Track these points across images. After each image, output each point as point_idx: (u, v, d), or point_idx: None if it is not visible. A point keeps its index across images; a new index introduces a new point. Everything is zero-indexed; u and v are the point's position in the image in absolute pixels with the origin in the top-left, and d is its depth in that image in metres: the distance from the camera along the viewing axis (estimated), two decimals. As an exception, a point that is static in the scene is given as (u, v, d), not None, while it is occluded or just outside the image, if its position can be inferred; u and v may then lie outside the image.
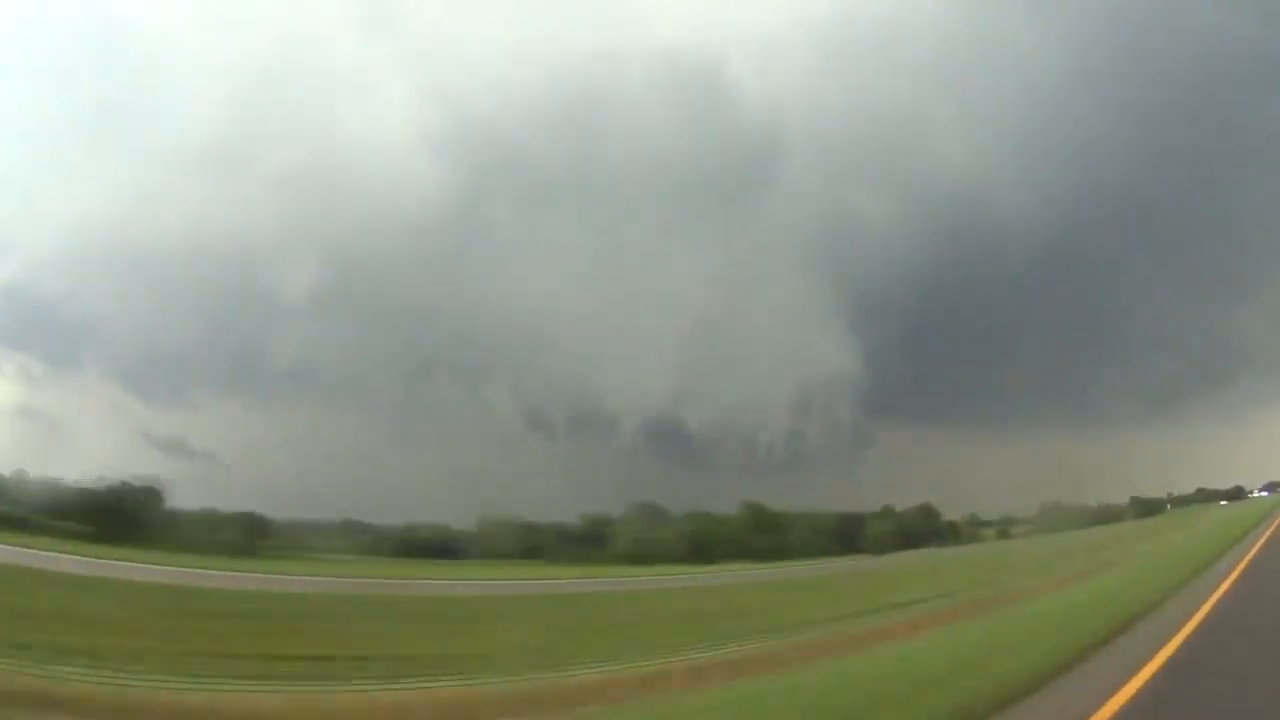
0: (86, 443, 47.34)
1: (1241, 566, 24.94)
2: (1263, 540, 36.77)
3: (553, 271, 58.09)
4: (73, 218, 51.40)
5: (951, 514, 59.08)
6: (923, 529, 55.84)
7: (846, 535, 52.70)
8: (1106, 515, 65.22)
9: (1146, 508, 74.66)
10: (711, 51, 60.51)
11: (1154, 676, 9.78)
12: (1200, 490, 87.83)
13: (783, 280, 61.85)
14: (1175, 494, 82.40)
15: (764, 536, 49.60)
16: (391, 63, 59.59)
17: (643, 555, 45.44)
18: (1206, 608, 15.93)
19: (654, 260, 59.64)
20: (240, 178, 54.87)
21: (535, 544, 45.81)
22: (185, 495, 42.06)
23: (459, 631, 23.86)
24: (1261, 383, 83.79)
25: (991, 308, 69.43)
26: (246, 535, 40.77)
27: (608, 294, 59.08)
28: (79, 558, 30.77)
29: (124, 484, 40.24)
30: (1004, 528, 61.34)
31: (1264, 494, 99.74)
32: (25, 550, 31.00)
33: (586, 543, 46.63)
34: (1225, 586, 19.70)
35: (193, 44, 56.36)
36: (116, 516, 37.84)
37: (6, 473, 39.20)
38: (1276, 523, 49.47)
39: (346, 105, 57.82)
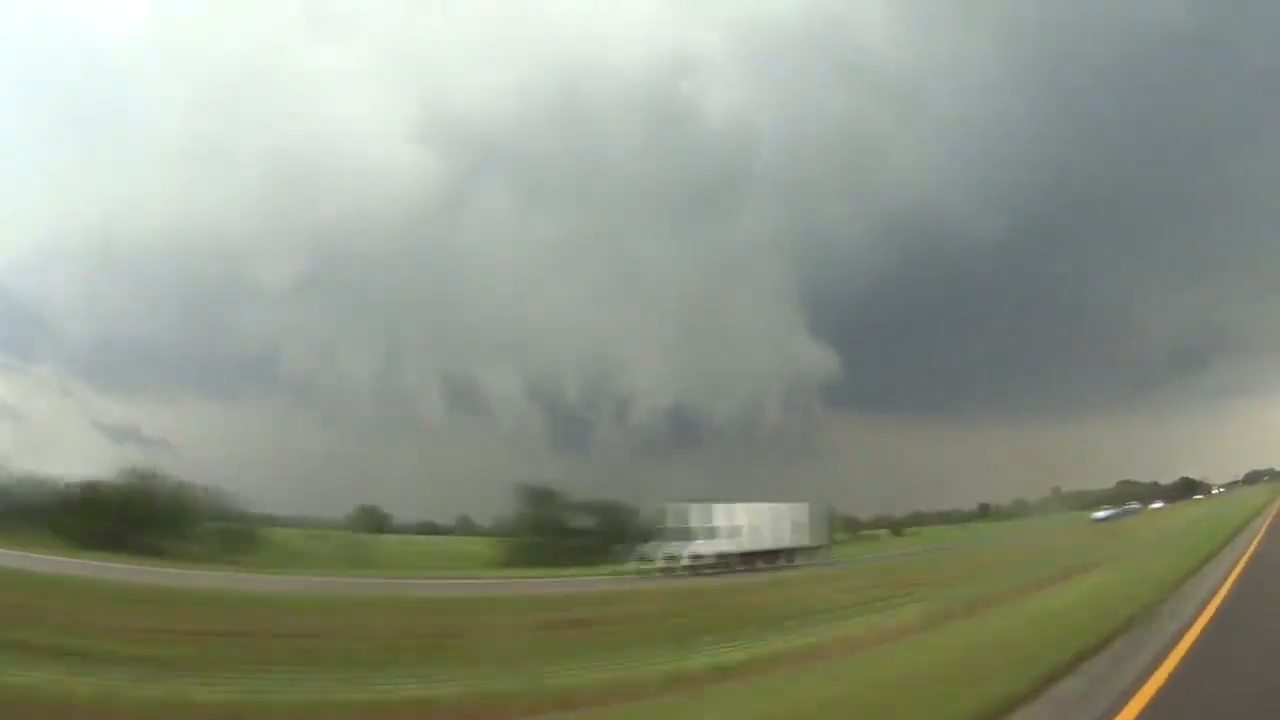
0: (52, 435, 46.92)
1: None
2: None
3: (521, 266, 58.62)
4: (50, 216, 51.21)
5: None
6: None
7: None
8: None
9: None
10: (676, 66, 61.95)
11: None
12: (1124, 483, 73.97)
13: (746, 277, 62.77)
14: (1087, 490, 69.33)
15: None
16: (379, 66, 59.81)
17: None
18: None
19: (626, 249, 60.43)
20: (216, 175, 54.84)
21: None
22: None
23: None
24: (1235, 368, 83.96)
25: (938, 306, 70.90)
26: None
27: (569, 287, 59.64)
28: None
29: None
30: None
31: (1218, 491, 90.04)
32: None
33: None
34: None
35: (167, 48, 56.10)
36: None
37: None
38: None
39: (330, 104, 58.04)
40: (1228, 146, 76.19)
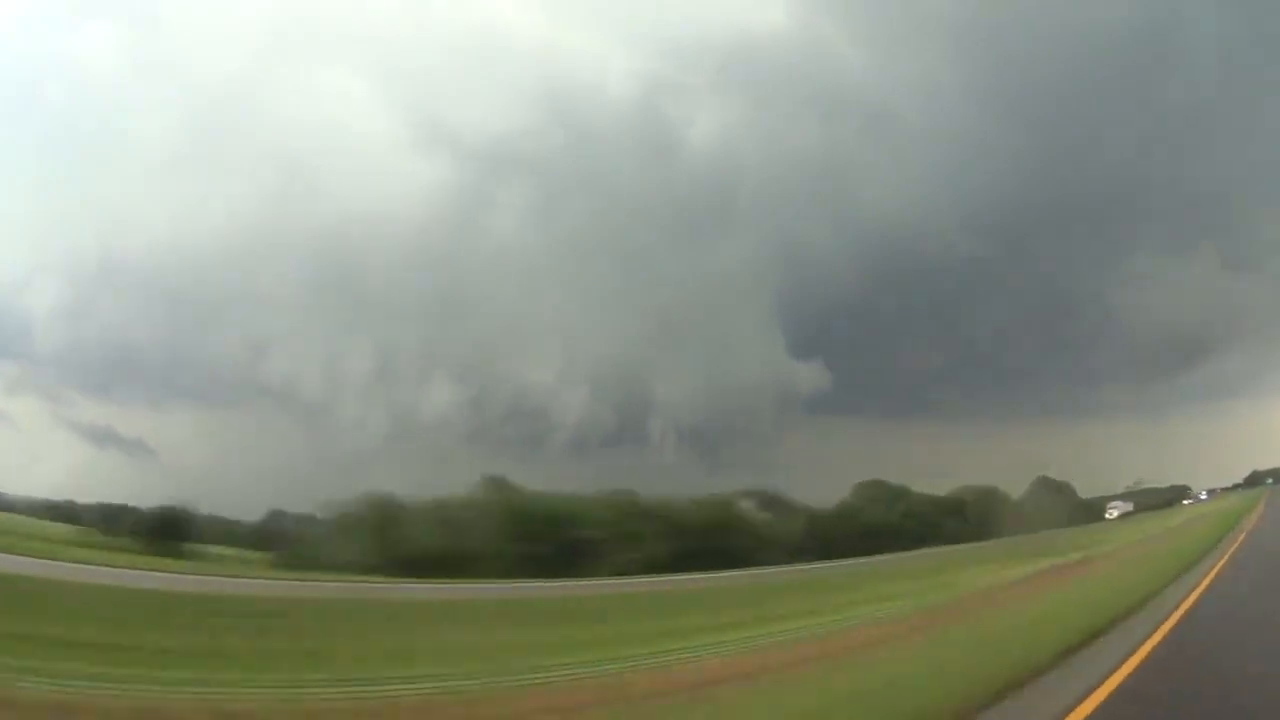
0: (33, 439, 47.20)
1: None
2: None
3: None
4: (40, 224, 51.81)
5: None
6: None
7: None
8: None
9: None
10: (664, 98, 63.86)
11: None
12: (963, 487, 57.98)
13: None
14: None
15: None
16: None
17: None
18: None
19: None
20: (212, 184, 55.45)
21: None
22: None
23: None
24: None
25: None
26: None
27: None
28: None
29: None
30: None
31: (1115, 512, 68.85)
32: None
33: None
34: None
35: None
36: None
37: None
38: None
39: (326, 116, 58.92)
40: (1191, 131, 76.67)
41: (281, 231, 54.73)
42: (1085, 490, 65.71)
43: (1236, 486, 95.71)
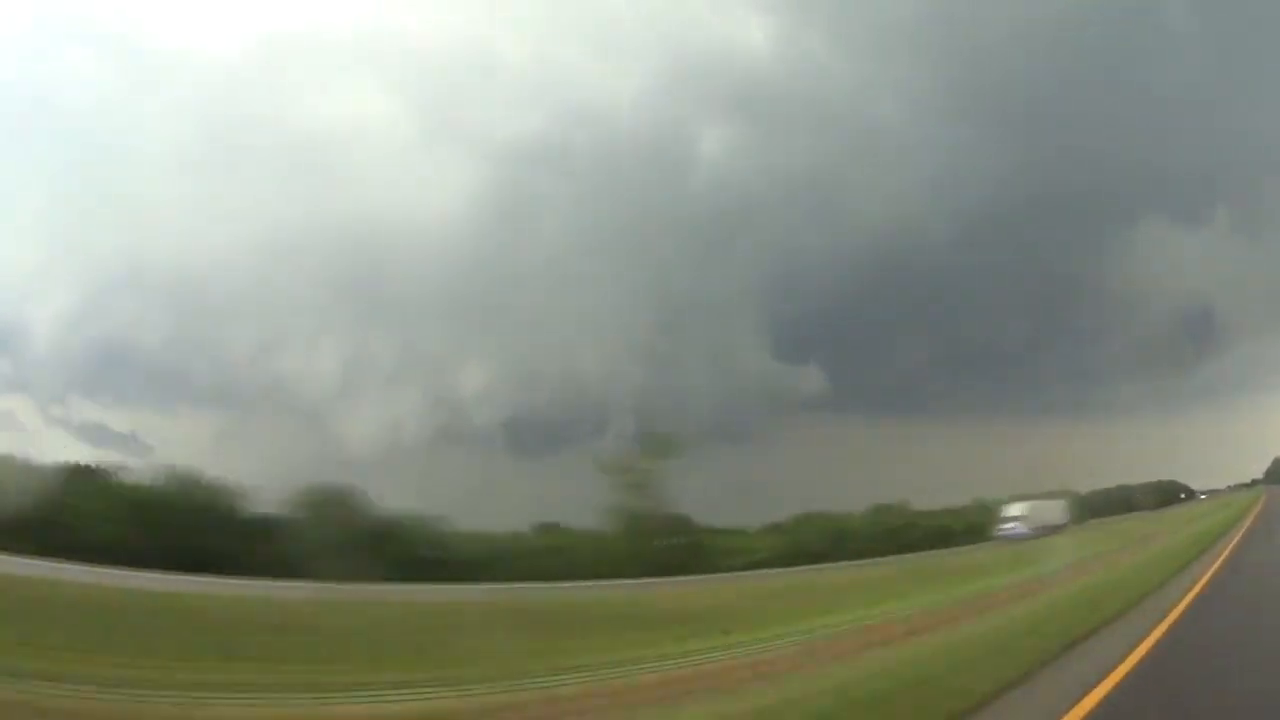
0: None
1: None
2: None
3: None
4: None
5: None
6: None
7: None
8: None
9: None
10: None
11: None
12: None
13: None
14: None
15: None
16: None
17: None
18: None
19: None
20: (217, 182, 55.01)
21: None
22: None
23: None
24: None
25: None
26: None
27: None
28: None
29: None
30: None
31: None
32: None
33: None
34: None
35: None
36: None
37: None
38: None
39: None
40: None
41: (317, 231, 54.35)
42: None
43: (1255, 482, 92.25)
